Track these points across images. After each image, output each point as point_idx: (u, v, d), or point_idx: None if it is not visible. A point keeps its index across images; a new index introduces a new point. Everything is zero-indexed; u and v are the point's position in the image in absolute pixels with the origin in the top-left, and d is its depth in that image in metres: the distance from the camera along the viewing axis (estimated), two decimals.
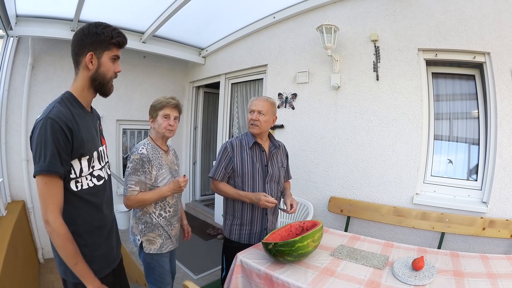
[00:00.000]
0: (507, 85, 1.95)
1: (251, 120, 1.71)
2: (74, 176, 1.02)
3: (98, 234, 1.11)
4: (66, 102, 1.03)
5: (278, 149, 1.82)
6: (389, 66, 2.38)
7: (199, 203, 4.67)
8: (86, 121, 1.09)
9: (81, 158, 1.03)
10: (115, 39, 1.06)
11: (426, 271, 1.26)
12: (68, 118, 0.98)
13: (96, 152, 1.11)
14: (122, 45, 1.09)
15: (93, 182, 1.09)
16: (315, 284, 1.21)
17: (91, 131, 1.10)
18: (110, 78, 1.09)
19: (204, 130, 4.83)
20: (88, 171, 1.06)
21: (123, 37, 1.09)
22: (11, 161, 2.79)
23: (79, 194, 1.04)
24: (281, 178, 1.83)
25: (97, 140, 1.14)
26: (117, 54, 1.09)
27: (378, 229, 2.43)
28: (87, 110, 1.12)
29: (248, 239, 1.72)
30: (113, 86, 1.13)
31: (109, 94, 1.13)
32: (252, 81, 3.66)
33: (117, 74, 1.12)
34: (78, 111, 1.05)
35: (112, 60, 1.08)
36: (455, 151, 2.36)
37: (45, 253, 2.97)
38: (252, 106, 1.72)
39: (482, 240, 2.00)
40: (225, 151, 1.72)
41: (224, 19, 3.25)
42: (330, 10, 2.69)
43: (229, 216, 1.77)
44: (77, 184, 1.03)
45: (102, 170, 1.14)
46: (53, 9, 2.64)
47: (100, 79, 1.07)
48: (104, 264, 1.13)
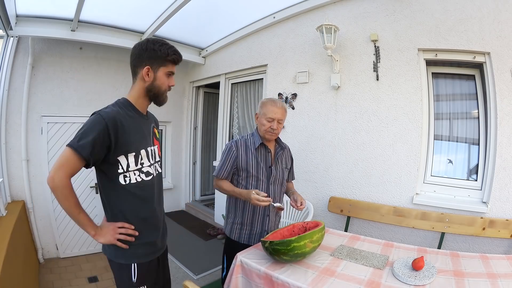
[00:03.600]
0: (507, 85, 1.95)
1: (270, 129, 1.68)
2: (122, 171, 1.14)
3: (144, 225, 1.22)
4: (120, 105, 1.19)
5: (283, 150, 1.83)
6: (389, 66, 2.37)
7: (199, 203, 4.67)
8: (138, 123, 1.22)
9: (127, 155, 1.14)
10: (171, 56, 1.19)
11: (426, 271, 1.25)
12: (117, 118, 1.11)
13: (145, 150, 1.22)
14: (177, 62, 1.23)
15: (141, 177, 1.20)
16: (315, 284, 1.21)
17: (141, 132, 1.23)
18: (164, 90, 1.23)
19: (204, 130, 4.83)
20: (136, 167, 1.18)
21: (178, 55, 1.22)
22: (11, 161, 2.79)
23: (127, 187, 1.16)
24: (285, 179, 1.84)
25: (148, 140, 1.26)
26: (171, 71, 1.22)
27: (378, 229, 2.43)
28: (142, 114, 1.27)
29: (247, 239, 1.72)
30: (167, 97, 1.27)
31: (163, 104, 1.27)
32: (252, 81, 3.66)
33: (170, 88, 1.25)
34: (131, 113, 1.20)
35: (167, 75, 1.22)
36: (455, 151, 2.36)
37: (45, 253, 2.97)
38: (272, 114, 1.67)
39: (482, 240, 2.00)
40: (230, 150, 1.71)
41: (224, 19, 3.25)
42: (330, 10, 2.69)
43: (231, 214, 1.77)
44: (126, 179, 1.16)
45: (151, 167, 1.25)
46: (53, 9, 2.64)
47: (155, 90, 1.21)
48: (149, 251, 1.24)
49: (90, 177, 3.01)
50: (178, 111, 4.57)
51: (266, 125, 1.68)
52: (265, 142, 1.74)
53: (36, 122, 2.94)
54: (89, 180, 3.08)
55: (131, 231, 1.17)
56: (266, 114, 1.68)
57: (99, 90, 3.39)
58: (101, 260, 2.94)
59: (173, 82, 1.24)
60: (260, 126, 1.72)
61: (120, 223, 1.17)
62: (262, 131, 1.70)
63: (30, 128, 2.90)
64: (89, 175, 3.06)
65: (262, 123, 1.69)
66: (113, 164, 1.13)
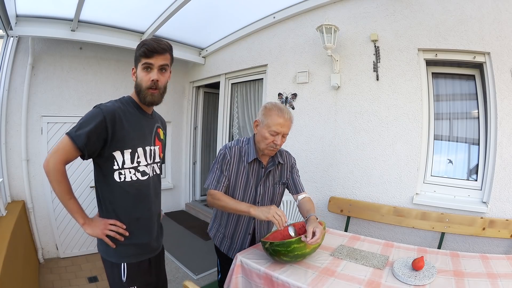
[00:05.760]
0: (507, 85, 1.95)
1: (272, 144, 1.43)
2: (117, 168, 1.14)
3: (137, 225, 1.21)
4: (122, 101, 1.21)
5: (277, 166, 1.59)
6: (389, 66, 2.37)
7: (199, 203, 4.67)
8: (139, 121, 1.22)
9: (123, 151, 1.14)
10: (139, 51, 1.16)
11: (426, 271, 1.25)
12: (116, 113, 1.12)
13: (142, 149, 1.21)
14: (147, 53, 1.14)
15: (136, 176, 1.19)
16: (315, 284, 1.20)
17: (141, 130, 1.22)
18: (145, 87, 1.18)
19: (204, 130, 4.83)
20: (132, 165, 1.17)
21: (147, 46, 1.14)
22: (11, 161, 2.79)
23: (122, 185, 1.15)
24: (276, 195, 1.63)
25: (148, 139, 1.25)
26: (146, 62, 1.15)
27: (378, 229, 2.43)
28: (145, 113, 1.27)
29: (227, 251, 1.62)
30: (153, 96, 1.19)
31: (147, 101, 1.20)
32: (252, 81, 3.66)
33: (156, 83, 1.18)
34: (133, 110, 1.21)
35: (144, 70, 1.17)
36: (455, 151, 2.36)
37: (45, 253, 2.97)
38: (278, 128, 1.41)
39: (482, 240, 2.00)
40: (224, 158, 1.50)
41: (224, 19, 3.25)
42: (330, 10, 2.69)
43: (217, 220, 1.68)
44: (121, 176, 1.15)
45: (147, 167, 1.24)
46: (53, 9, 2.64)
47: (138, 88, 1.20)
48: (139, 251, 1.23)
49: (90, 177, 3.01)
50: (178, 111, 4.57)
51: (269, 139, 1.43)
52: (259, 157, 1.53)
53: (36, 122, 2.94)
54: (89, 180, 3.08)
55: (122, 231, 1.17)
56: (270, 126, 1.42)
57: (99, 90, 3.39)
58: (101, 260, 2.93)
59: (154, 76, 1.16)
60: (261, 138, 1.46)
61: (112, 220, 1.16)
62: (262, 145, 1.46)
63: (30, 128, 2.90)
64: (89, 175, 3.06)
65: (264, 136, 1.44)
66: (108, 159, 1.13)
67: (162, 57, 1.18)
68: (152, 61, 1.16)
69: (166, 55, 1.20)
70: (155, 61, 1.16)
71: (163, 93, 1.24)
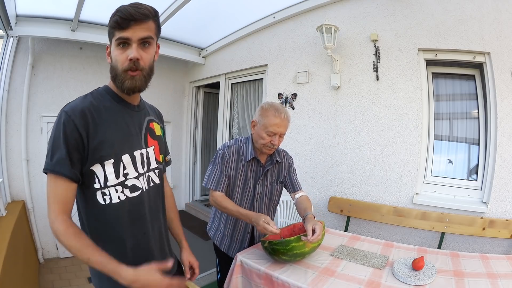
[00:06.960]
0: (507, 85, 1.95)
1: (269, 144, 1.46)
2: (99, 186, 0.85)
3: (131, 257, 0.88)
4: (94, 95, 0.90)
5: (274, 165, 1.61)
6: (389, 66, 2.37)
7: (199, 203, 4.67)
8: (121, 117, 0.91)
9: (103, 163, 0.84)
10: (111, 21, 0.84)
11: (426, 271, 1.25)
12: (86, 111, 0.84)
13: (129, 156, 0.89)
14: (121, 22, 0.82)
15: (124, 195, 0.89)
16: (315, 284, 1.20)
17: (125, 129, 0.91)
18: (122, 69, 0.85)
19: (204, 130, 4.83)
20: (118, 180, 0.87)
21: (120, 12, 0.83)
22: (11, 161, 2.79)
23: (107, 209, 0.86)
24: (274, 193, 1.65)
25: (136, 140, 0.93)
26: (120, 37, 0.83)
27: (378, 229, 2.43)
28: (129, 104, 0.95)
29: (227, 250, 1.62)
30: (133, 79, 0.86)
31: (125, 88, 0.87)
32: (252, 81, 3.66)
33: (137, 63, 0.85)
34: (110, 105, 0.90)
35: (119, 47, 0.85)
36: (455, 151, 2.36)
37: (45, 253, 2.97)
38: (275, 128, 1.43)
39: (482, 240, 2.00)
40: (223, 158, 1.51)
41: (224, 19, 3.25)
42: (330, 10, 2.69)
43: (216, 219, 1.68)
44: (105, 197, 0.86)
45: (139, 179, 0.92)
46: (53, 9, 2.64)
47: (113, 72, 0.88)
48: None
49: None
50: (178, 111, 4.57)
51: (266, 139, 1.45)
52: (258, 156, 1.54)
53: (36, 122, 2.94)
54: None
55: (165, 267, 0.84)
56: (267, 126, 1.44)
57: None
58: None
59: (134, 53, 0.83)
60: (258, 138, 1.49)
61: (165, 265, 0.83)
62: (260, 144, 1.49)
63: (30, 128, 2.90)
64: None
65: (261, 136, 1.46)
66: (87, 176, 0.84)
67: (142, 26, 0.85)
68: (129, 34, 0.83)
69: (149, 23, 0.86)
70: (133, 33, 0.83)
71: (147, 75, 0.90)
